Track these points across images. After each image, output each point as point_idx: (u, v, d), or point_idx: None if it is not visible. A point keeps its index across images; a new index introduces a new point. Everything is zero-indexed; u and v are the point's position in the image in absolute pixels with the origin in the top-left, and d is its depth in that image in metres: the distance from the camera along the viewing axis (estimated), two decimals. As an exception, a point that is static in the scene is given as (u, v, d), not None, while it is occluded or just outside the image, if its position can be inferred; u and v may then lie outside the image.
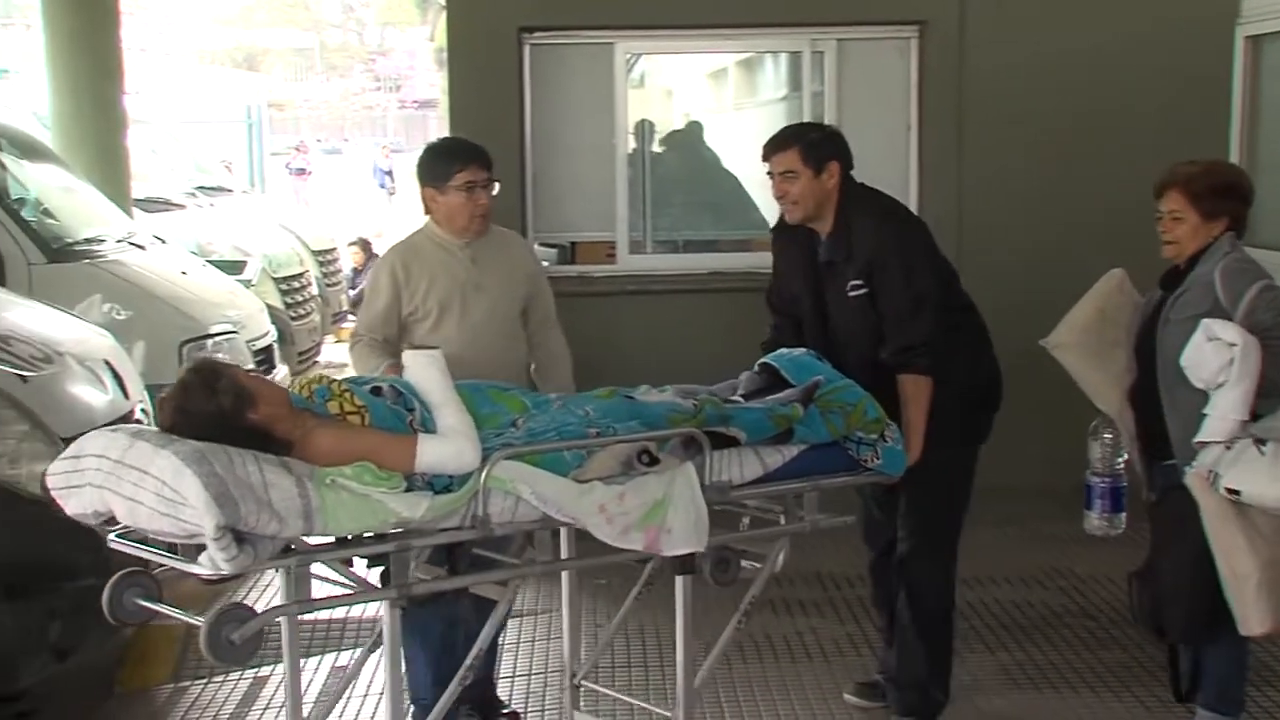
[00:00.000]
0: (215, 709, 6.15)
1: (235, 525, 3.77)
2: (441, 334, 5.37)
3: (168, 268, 9.38)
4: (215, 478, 3.78)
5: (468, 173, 5.34)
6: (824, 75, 8.89)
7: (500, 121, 8.55)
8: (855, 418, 4.69)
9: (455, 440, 4.15)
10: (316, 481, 3.93)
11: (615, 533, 4.25)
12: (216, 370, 4.17)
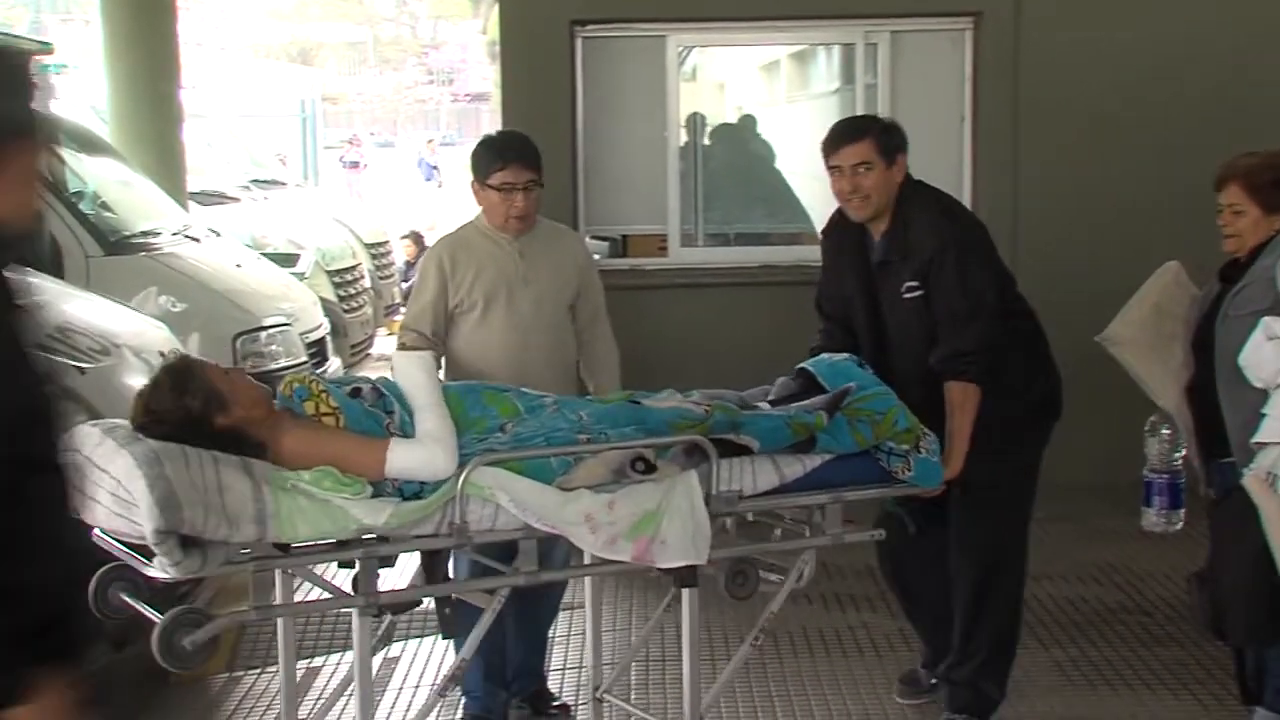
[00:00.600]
0: (268, 699, 6.14)
1: (178, 530, 3.73)
2: (487, 327, 5.34)
3: (222, 260, 9.41)
4: (163, 481, 3.75)
5: (506, 173, 5.27)
6: (877, 67, 8.82)
7: (552, 114, 8.54)
8: (884, 427, 4.46)
9: (428, 446, 4.05)
10: (274, 485, 3.88)
11: (600, 543, 4.10)
12: (189, 371, 4.13)
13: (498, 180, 5.26)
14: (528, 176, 5.27)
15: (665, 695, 5.81)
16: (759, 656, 6.20)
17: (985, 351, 4.86)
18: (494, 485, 4.02)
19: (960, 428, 4.82)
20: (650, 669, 6.06)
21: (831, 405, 4.45)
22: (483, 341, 5.39)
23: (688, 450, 4.24)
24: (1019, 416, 5.04)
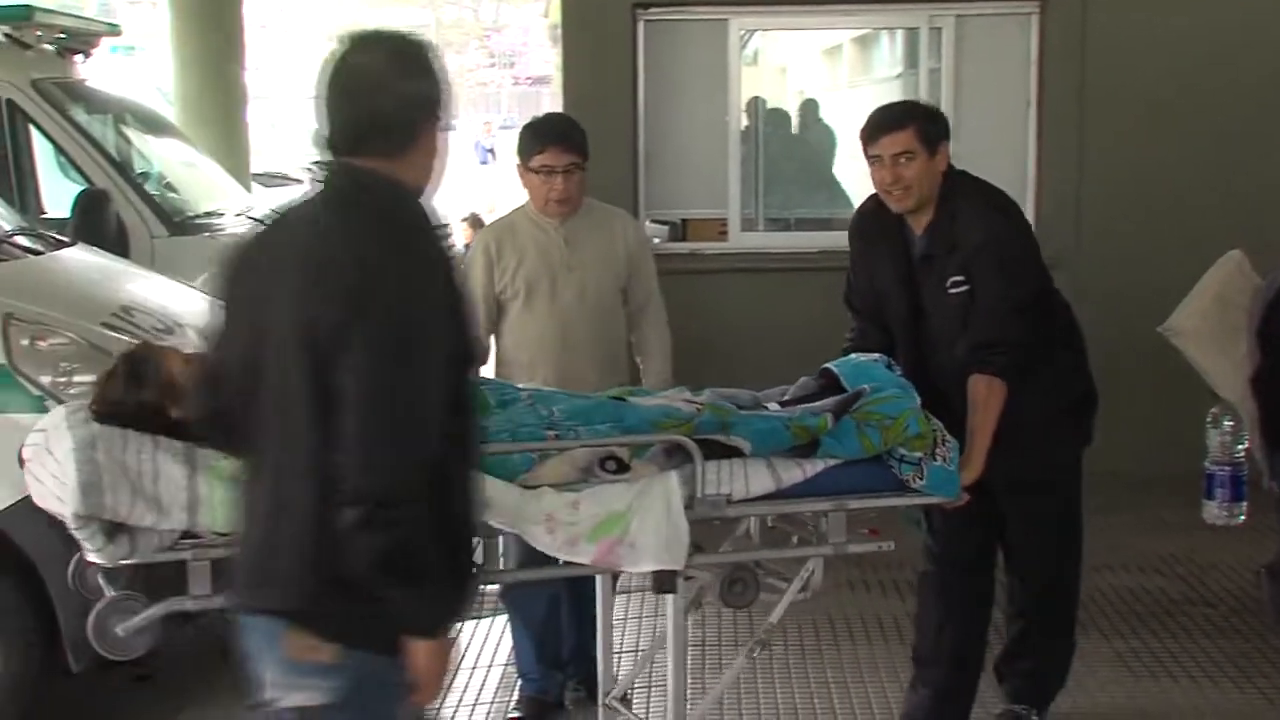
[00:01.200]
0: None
1: (99, 515, 3.73)
2: (530, 315, 5.31)
3: (285, 242, 9.41)
4: (91, 465, 3.75)
5: (546, 155, 5.22)
6: (941, 52, 8.74)
7: (613, 98, 8.54)
8: (894, 432, 4.08)
9: None
10: (210, 473, 3.82)
11: (558, 544, 3.89)
12: (147, 361, 4.09)
13: (538, 163, 5.22)
14: (568, 160, 5.21)
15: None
16: (816, 644, 6.21)
17: (1017, 346, 4.55)
18: None
19: (981, 425, 4.48)
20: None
21: (840, 408, 4.14)
22: (525, 330, 5.36)
23: (668, 450, 4.00)
24: (1059, 414, 4.84)
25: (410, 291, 2.84)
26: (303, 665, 2.93)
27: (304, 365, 2.84)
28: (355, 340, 2.77)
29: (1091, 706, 5.51)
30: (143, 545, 3.82)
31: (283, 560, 2.93)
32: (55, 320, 5.68)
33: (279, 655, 2.95)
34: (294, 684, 2.96)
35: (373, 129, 2.99)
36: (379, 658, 2.89)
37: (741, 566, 4.15)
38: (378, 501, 2.74)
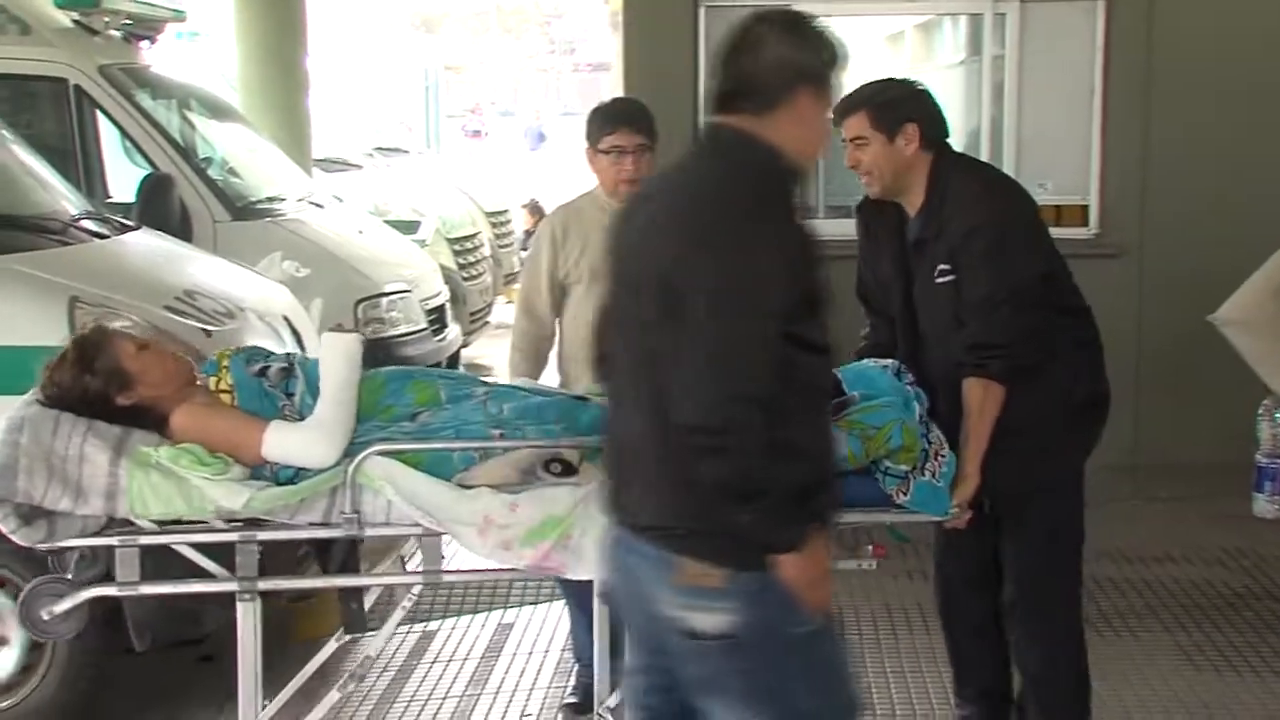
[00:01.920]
0: (385, 660, 6.17)
1: (11, 498, 3.79)
2: (591, 299, 5.23)
3: (345, 227, 9.46)
4: (13, 448, 3.83)
5: (616, 137, 5.20)
6: (1005, 38, 8.67)
7: (674, 84, 8.49)
8: (876, 443, 3.84)
9: (309, 432, 3.92)
10: (133, 461, 3.85)
11: (489, 547, 3.80)
12: (98, 347, 4.11)
13: (607, 144, 5.20)
14: (637, 140, 5.19)
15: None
16: (875, 634, 6.18)
17: (1015, 345, 4.20)
18: (383, 477, 3.84)
19: (975, 433, 4.13)
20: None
21: None
22: (582, 316, 5.25)
23: None
24: (1059, 420, 4.42)
25: (754, 237, 3.06)
26: (697, 589, 3.12)
27: (661, 303, 3.08)
28: (699, 281, 3.01)
29: (1154, 698, 5.46)
30: (62, 530, 3.89)
31: (663, 492, 3.16)
32: (119, 303, 5.72)
33: (672, 582, 3.15)
34: (691, 607, 3.14)
35: (740, 89, 3.22)
36: (766, 575, 3.08)
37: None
38: (707, 431, 2.96)
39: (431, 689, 5.90)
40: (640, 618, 3.34)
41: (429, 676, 6.03)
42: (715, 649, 3.15)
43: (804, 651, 3.19)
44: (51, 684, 5.56)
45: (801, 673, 3.19)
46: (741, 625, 3.11)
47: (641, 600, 3.26)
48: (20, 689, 5.49)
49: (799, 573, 3.07)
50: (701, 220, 3.10)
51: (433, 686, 5.93)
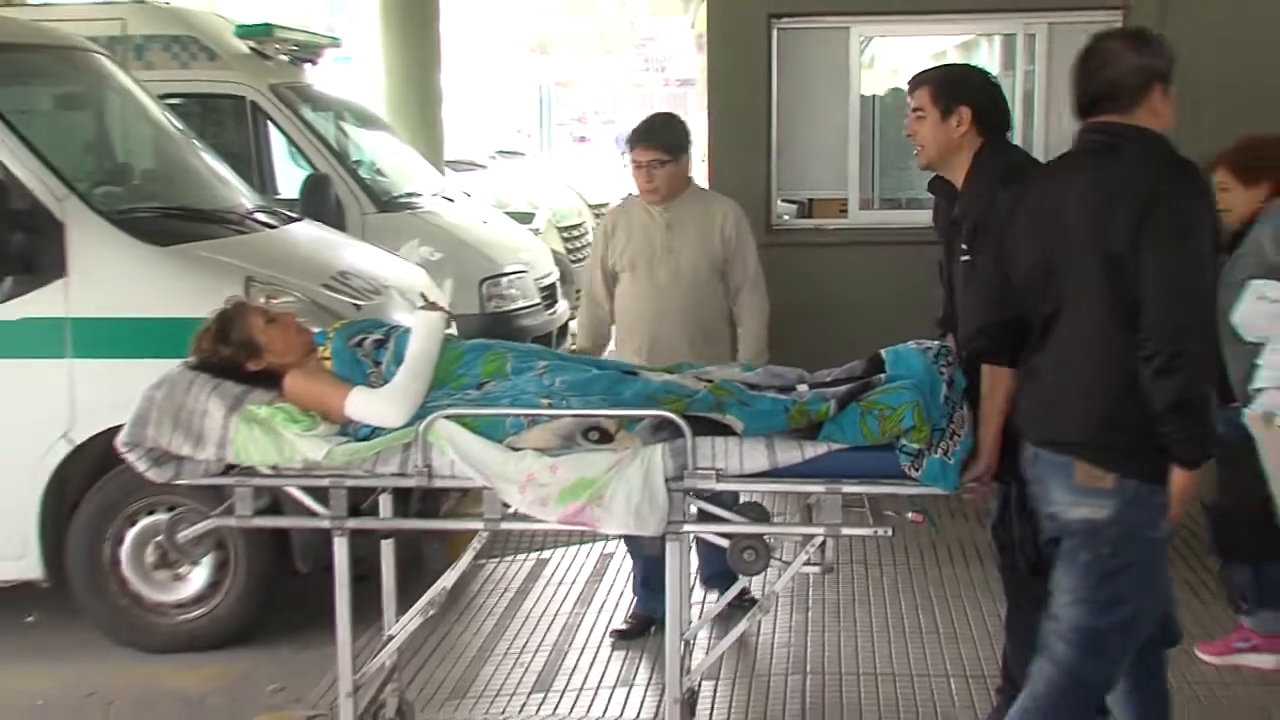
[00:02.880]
0: (506, 582, 6.23)
1: (141, 444, 3.86)
2: (632, 289, 5.40)
3: (472, 217, 9.50)
4: (148, 402, 3.89)
5: (635, 152, 5.31)
6: (1034, 55, 8.54)
7: (751, 95, 8.46)
8: (890, 422, 3.64)
9: (384, 399, 3.89)
10: (240, 416, 3.88)
11: (528, 502, 3.73)
12: (235, 320, 4.13)
13: (629, 159, 5.36)
14: (650, 156, 5.26)
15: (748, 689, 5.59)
16: (922, 565, 6.13)
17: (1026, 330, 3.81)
18: (446, 437, 3.80)
19: (987, 414, 3.80)
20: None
21: (848, 395, 3.74)
22: (627, 299, 5.44)
23: (657, 425, 3.74)
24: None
25: (1181, 196, 3.39)
26: (1086, 489, 3.47)
27: (1094, 260, 3.43)
28: (1146, 241, 3.34)
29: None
30: (188, 471, 3.94)
31: (1071, 409, 3.51)
32: (286, 282, 5.78)
33: (1067, 481, 3.50)
34: (1078, 502, 3.49)
35: (1104, 94, 3.53)
36: (1144, 484, 3.40)
37: (753, 536, 3.77)
38: (1174, 353, 3.30)
39: (544, 608, 5.94)
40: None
41: (542, 596, 6.07)
42: (1082, 534, 3.50)
43: (1147, 553, 3.51)
44: (232, 598, 5.67)
45: (1138, 569, 3.50)
46: (1111, 521, 3.44)
47: (1040, 500, 3.62)
48: (209, 601, 5.66)
49: (1186, 486, 3.39)
50: (1134, 196, 3.38)
51: (545, 606, 5.96)
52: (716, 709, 4.79)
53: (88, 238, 5.53)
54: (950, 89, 4.15)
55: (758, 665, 5.16)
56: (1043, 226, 3.59)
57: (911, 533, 6.33)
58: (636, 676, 5.15)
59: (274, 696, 5.26)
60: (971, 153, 4.14)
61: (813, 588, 5.77)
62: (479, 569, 6.30)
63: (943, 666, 5.12)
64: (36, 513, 5.55)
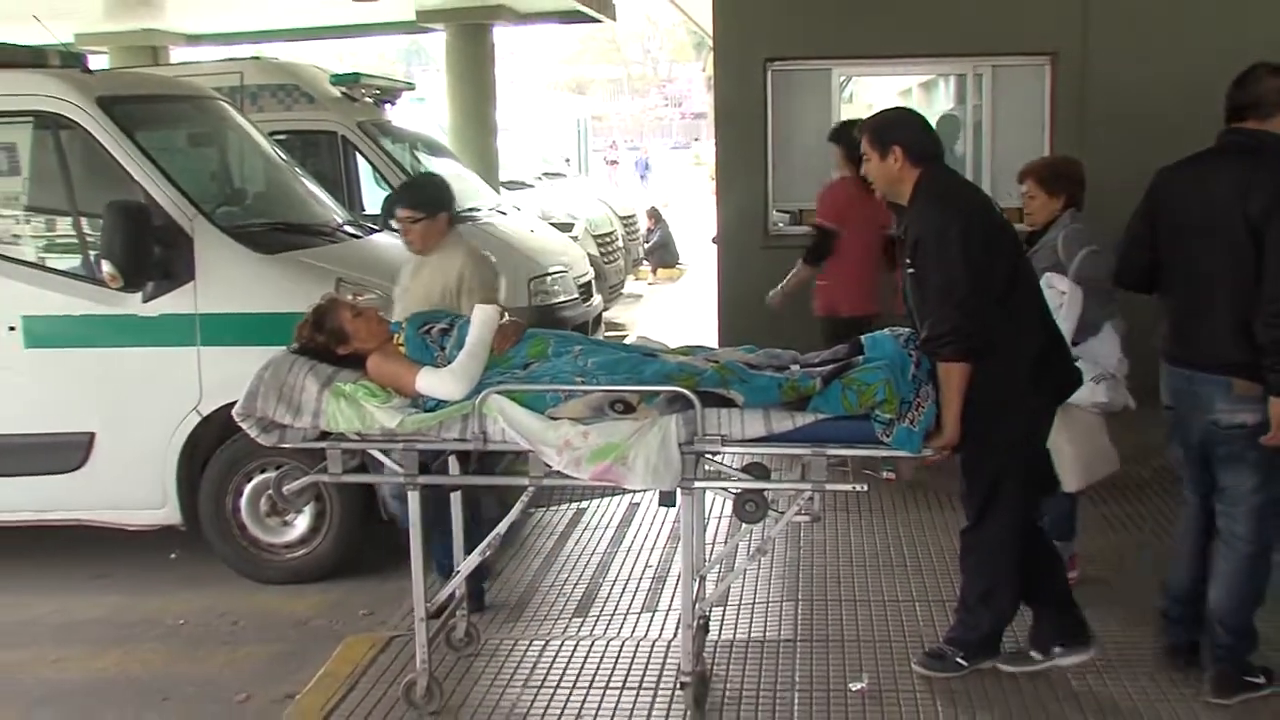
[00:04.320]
0: (552, 528, 6.22)
1: (253, 414, 3.88)
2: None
3: (521, 227, 9.48)
4: (257, 380, 3.89)
5: (396, 211, 4.99)
6: (982, 92, 8.49)
7: (751, 125, 8.44)
8: (866, 396, 3.64)
9: (447, 377, 3.87)
10: (331, 390, 3.88)
11: (564, 462, 3.71)
12: (327, 313, 4.12)
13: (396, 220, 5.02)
14: (405, 214, 4.94)
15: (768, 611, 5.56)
16: (893, 511, 6.09)
17: (956, 333, 3.76)
18: (498, 409, 3.79)
19: (947, 402, 3.76)
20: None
21: (831, 374, 3.72)
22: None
23: (671, 398, 3.72)
24: (1003, 393, 3.87)
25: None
26: (1243, 398, 3.83)
27: (1239, 230, 3.77)
28: (1275, 218, 3.70)
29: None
30: (290, 437, 3.95)
31: (1228, 341, 3.83)
32: (369, 282, 5.78)
33: (1228, 393, 3.86)
34: (1237, 409, 3.85)
35: (1250, 105, 3.93)
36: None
37: (753, 491, 3.79)
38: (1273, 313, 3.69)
39: (582, 548, 5.93)
40: (1195, 422, 3.98)
41: (581, 539, 6.06)
42: (1243, 435, 3.85)
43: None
44: (329, 540, 5.69)
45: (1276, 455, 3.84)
46: (1262, 421, 3.79)
47: (1199, 411, 3.93)
48: (311, 542, 5.70)
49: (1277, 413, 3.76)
50: (1271, 181, 3.74)
51: (583, 547, 5.95)
52: (724, 630, 4.78)
53: (211, 248, 5.54)
54: (882, 133, 4.03)
55: (759, 594, 5.14)
56: (1199, 202, 3.91)
57: (885, 485, 6.33)
58: (659, 604, 5.13)
59: (364, 619, 5.28)
60: (913, 181, 3.99)
61: (804, 530, 5.75)
62: (529, 517, 6.30)
63: (909, 593, 5.09)
64: (174, 471, 5.61)
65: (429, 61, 37.02)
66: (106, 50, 16.56)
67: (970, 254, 3.81)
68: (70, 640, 5.28)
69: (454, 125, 14.31)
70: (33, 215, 6.05)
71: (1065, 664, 4.26)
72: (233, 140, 6.91)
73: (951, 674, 4.24)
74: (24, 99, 5.73)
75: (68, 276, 5.63)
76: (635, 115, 49.41)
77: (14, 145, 6.07)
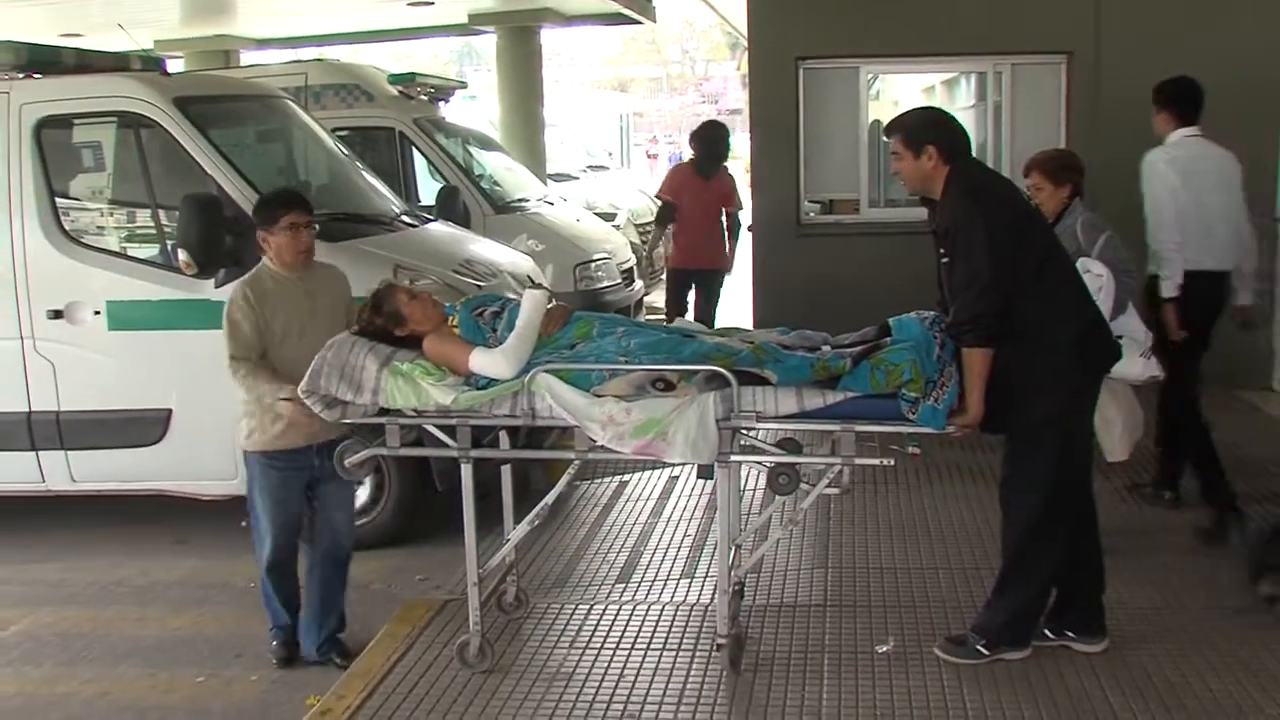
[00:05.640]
0: (597, 499, 6.21)
1: (318, 391, 3.85)
2: (296, 354, 4.13)
3: (567, 217, 9.46)
4: (321, 360, 3.87)
5: (292, 215, 4.24)
6: (1002, 89, 8.38)
7: (783, 120, 8.36)
8: (894, 376, 3.63)
9: (495, 356, 3.83)
10: (389, 369, 3.85)
11: (608, 437, 3.69)
12: (386, 297, 4.09)
13: (285, 224, 4.25)
14: (307, 219, 4.30)
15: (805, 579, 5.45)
16: (918, 484, 6.04)
17: (978, 321, 3.69)
18: (545, 387, 3.76)
19: (970, 385, 3.71)
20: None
21: (861, 354, 3.69)
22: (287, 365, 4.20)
23: (709, 377, 3.68)
24: (1036, 374, 3.81)
25: None
26: None
27: None
28: None
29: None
30: (351, 413, 3.93)
31: None
32: (425, 268, 5.78)
33: None
34: None
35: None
36: None
37: (786, 465, 3.77)
38: None
39: (625, 518, 5.92)
40: None
41: (624, 510, 6.06)
42: None
43: None
44: (389, 510, 5.71)
45: None
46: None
47: None
48: (371, 512, 5.69)
49: None
50: None
51: (626, 517, 5.94)
52: (759, 595, 4.75)
53: (277, 237, 5.54)
54: (917, 134, 3.94)
55: (791, 561, 5.11)
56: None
57: (912, 460, 6.28)
58: (697, 570, 5.12)
59: (420, 584, 5.30)
60: (943, 177, 3.92)
61: (835, 502, 5.71)
62: (575, 489, 6.30)
63: (934, 561, 5.05)
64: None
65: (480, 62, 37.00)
66: (182, 54, 16.68)
67: (996, 246, 3.73)
68: (151, 600, 5.34)
69: (504, 121, 14.30)
70: (115, 208, 6.09)
71: (1075, 649, 4.12)
72: (298, 136, 6.92)
73: (971, 661, 4.04)
74: (108, 100, 5.77)
75: (147, 264, 5.67)
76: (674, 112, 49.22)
77: (99, 143, 6.11)
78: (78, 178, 6.09)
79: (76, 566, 5.77)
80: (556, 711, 3.89)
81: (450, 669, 4.21)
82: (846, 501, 5.70)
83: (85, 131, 6.02)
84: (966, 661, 4.05)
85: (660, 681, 4.06)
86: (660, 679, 4.08)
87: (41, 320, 5.64)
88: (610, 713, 3.87)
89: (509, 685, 4.07)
